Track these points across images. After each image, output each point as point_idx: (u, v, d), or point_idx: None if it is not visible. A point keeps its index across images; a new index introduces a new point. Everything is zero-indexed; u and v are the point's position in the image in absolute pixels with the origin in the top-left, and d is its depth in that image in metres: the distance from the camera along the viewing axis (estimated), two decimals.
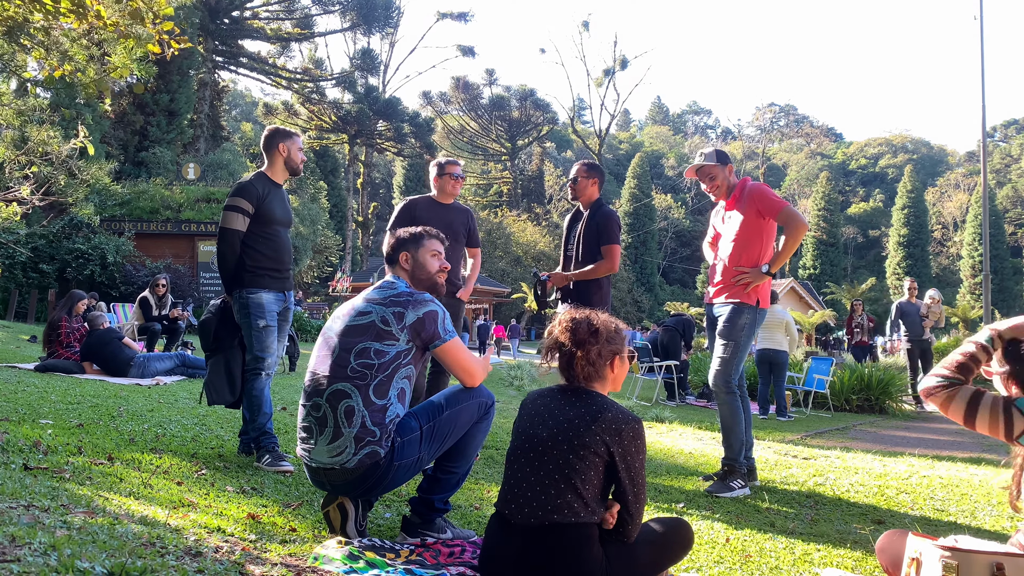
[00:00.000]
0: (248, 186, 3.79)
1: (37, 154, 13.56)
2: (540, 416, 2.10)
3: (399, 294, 2.56)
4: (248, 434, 3.73)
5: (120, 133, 26.31)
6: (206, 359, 3.87)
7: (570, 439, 2.01)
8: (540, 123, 54.32)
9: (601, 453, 2.00)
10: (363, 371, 2.42)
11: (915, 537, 1.95)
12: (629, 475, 2.02)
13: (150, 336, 9.31)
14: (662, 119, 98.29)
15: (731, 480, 3.80)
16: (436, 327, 2.52)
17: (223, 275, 3.79)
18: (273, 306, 3.79)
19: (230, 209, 3.73)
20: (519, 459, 2.09)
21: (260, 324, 3.73)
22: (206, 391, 3.80)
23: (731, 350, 3.87)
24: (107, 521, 2.11)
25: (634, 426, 2.04)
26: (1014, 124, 79.82)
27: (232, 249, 3.73)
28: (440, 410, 2.51)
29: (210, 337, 3.80)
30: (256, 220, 3.77)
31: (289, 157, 3.91)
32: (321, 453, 2.42)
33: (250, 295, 3.74)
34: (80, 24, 4.89)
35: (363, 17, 38.22)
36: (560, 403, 2.10)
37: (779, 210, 3.86)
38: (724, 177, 4.04)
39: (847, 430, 7.57)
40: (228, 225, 3.72)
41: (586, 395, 2.11)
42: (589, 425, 2.01)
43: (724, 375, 3.88)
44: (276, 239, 3.85)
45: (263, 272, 3.78)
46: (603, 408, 2.05)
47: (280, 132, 3.96)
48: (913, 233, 55.74)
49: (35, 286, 17.83)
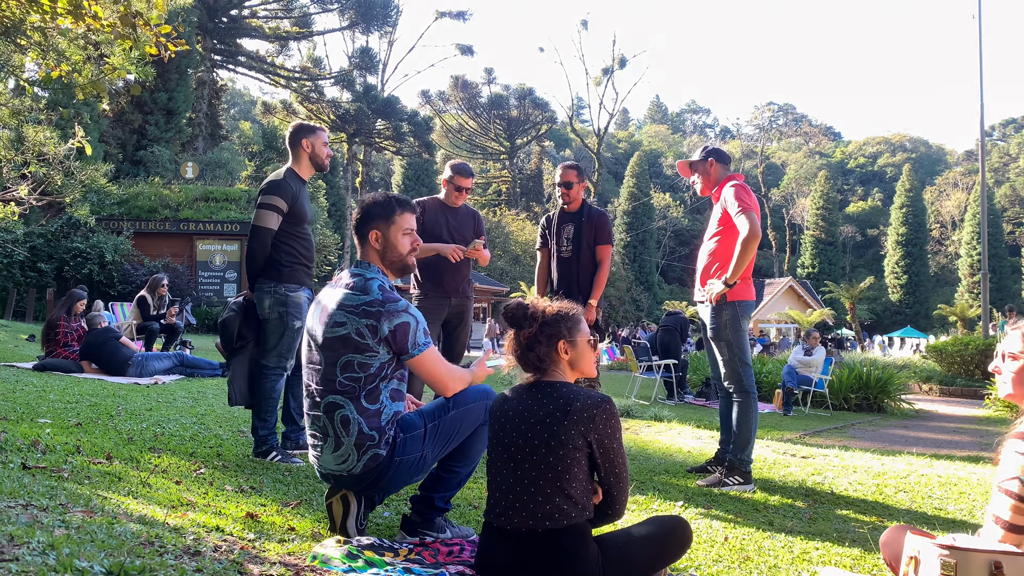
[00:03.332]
0: (283, 184, 3.68)
1: (34, 154, 13.53)
2: (512, 422, 2.06)
3: (371, 302, 2.41)
4: (264, 431, 3.70)
5: (118, 132, 26.29)
6: (227, 359, 3.77)
7: (546, 440, 1.98)
8: (539, 122, 54.27)
9: (580, 446, 1.98)
10: (351, 384, 2.40)
11: (913, 535, 1.95)
12: (608, 457, 2.02)
13: (148, 335, 9.30)
14: (661, 118, 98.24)
15: (730, 476, 3.83)
16: (407, 339, 2.43)
17: (250, 273, 3.70)
18: (306, 306, 3.73)
19: (265, 207, 3.62)
20: (501, 469, 2.06)
21: (296, 325, 3.67)
22: (229, 391, 3.73)
23: (728, 349, 3.87)
24: (106, 520, 2.11)
25: (606, 407, 2.01)
26: (1012, 123, 79.83)
27: (264, 248, 3.63)
28: (445, 410, 2.51)
29: (233, 336, 3.68)
30: (289, 219, 3.68)
31: (314, 152, 3.80)
32: (328, 461, 2.46)
33: (290, 292, 3.66)
34: (77, 24, 4.88)
35: (362, 16, 38.15)
36: (527, 403, 2.06)
37: (734, 212, 3.77)
38: (703, 174, 4.03)
39: (846, 429, 7.58)
40: (263, 224, 3.62)
41: (550, 388, 2.07)
42: (562, 421, 1.98)
43: (734, 375, 3.87)
44: (306, 237, 3.81)
45: (299, 267, 3.71)
46: (570, 399, 2.01)
47: (304, 128, 3.85)
48: (911, 232, 55.74)
49: (33, 285, 17.81)
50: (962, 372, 14.00)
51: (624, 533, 2.11)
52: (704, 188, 4.07)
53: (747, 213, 3.73)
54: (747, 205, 3.76)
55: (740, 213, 3.74)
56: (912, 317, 51.76)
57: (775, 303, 39.93)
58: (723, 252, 3.89)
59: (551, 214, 4.88)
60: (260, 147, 35.50)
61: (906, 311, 53.50)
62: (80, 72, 5.78)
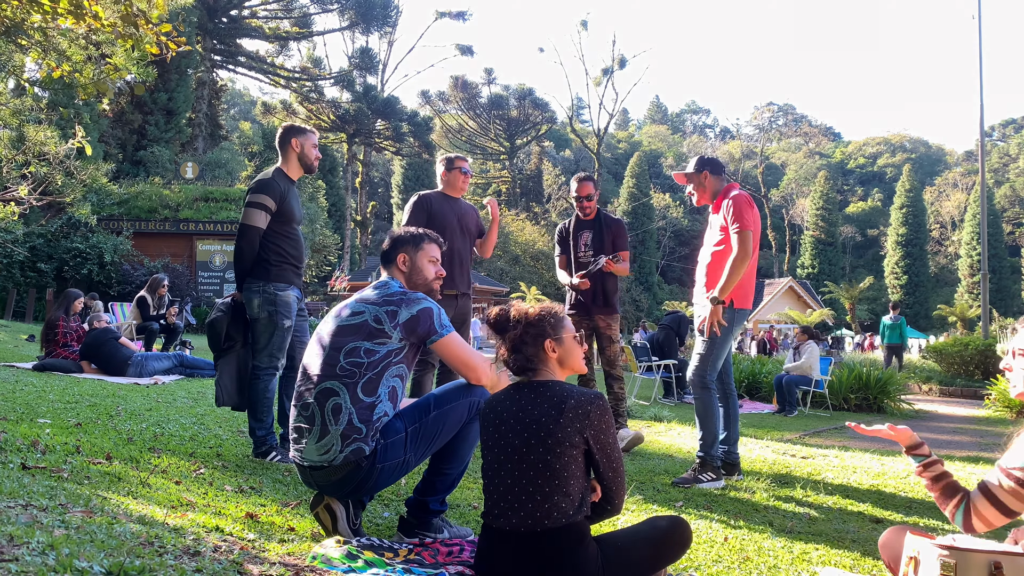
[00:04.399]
0: (271, 183, 3.71)
1: (34, 153, 13.54)
2: (507, 423, 2.07)
3: (393, 293, 2.54)
4: (262, 432, 3.69)
5: (118, 132, 26.30)
6: (215, 359, 3.77)
7: (543, 439, 1.99)
8: (539, 122, 54.27)
9: (576, 443, 1.99)
10: (352, 369, 2.41)
11: (913, 536, 1.95)
12: (605, 452, 2.03)
13: (148, 335, 9.30)
14: (660, 118, 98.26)
15: (701, 473, 3.88)
16: (432, 323, 2.50)
17: (238, 272, 3.72)
18: (295, 305, 3.76)
19: (253, 206, 3.65)
20: (498, 471, 2.06)
21: (285, 324, 3.69)
22: (217, 391, 3.74)
23: (708, 347, 3.92)
24: (105, 520, 2.10)
25: (599, 403, 2.03)
26: (1012, 123, 79.91)
27: (251, 246, 3.65)
28: (427, 411, 2.49)
29: (221, 337, 3.69)
30: (277, 218, 3.71)
31: (303, 153, 3.84)
32: (311, 452, 2.42)
33: (279, 292, 3.68)
34: (78, 25, 4.88)
35: (362, 16, 38.17)
36: (521, 403, 2.07)
37: (735, 227, 3.82)
38: (702, 184, 4.06)
39: (845, 429, 7.58)
40: (251, 222, 3.65)
41: (543, 387, 2.08)
42: (557, 419, 1.99)
43: (700, 371, 3.95)
44: (295, 236, 3.82)
45: (287, 267, 3.73)
46: (564, 397, 2.03)
47: (293, 129, 3.88)
48: (911, 232, 55.78)
49: (33, 285, 17.81)
50: (962, 372, 14.00)
51: (624, 533, 2.11)
52: (700, 199, 4.12)
53: (743, 233, 3.79)
54: (746, 223, 3.81)
55: (737, 232, 3.81)
56: (912, 318, 51.79)
57: (775, 303, 39.94)
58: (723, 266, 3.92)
59: (567, 223, 5.18)
60: (260, 147, 35.55)
61: (906, 311, 53.49)
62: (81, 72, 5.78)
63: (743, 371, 11.10)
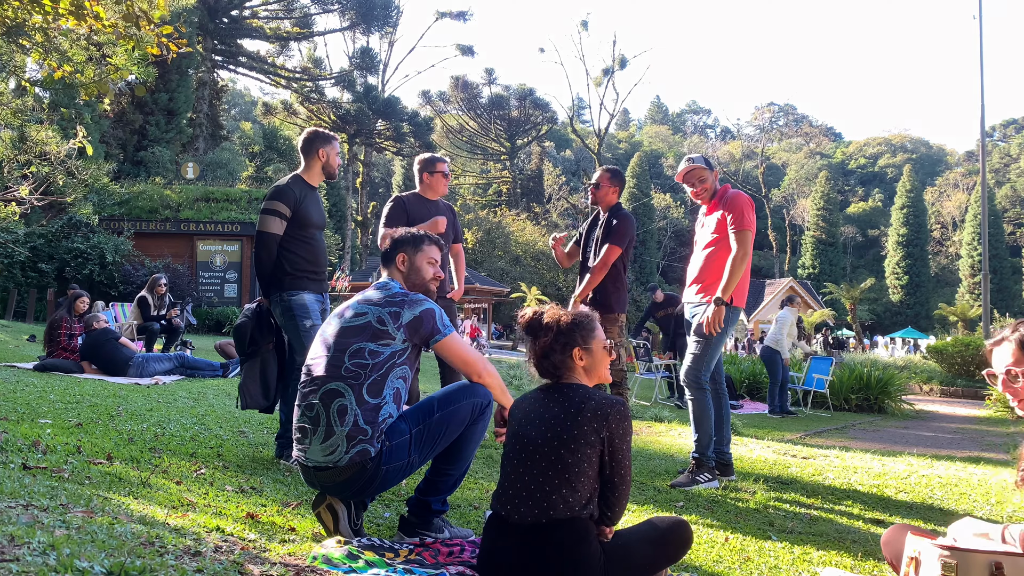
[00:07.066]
0: (286, 189, 3.76)
1: (36, 154, 13.54)
2: (528, 417, 2.13)
3: (395, 294, 2.57)
4: (287, 436, 3.69)
5: (119, 132, 26.31)
6: (240, 363, 3.83)
7: (559, 434, 2.03)
8: (539, 122, 54.25)
9: (592, 443, 2.02)
10: (357, 371, 2.41)
11: (914, 536, 1.95)
12: (616, 458, 2.05)
13: (149, 336, 9.30)
14: (661, 118, 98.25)
15: (698, 474, 3.87)
16: (434, 323, 2.53)
17: (261, 279, 3.78)
18: (315, 306, 3.78)
19: (268, 213, 3.70)
20: (512, 460, 2.11)
21: (307, 324, 3.71)
22: (240, 395, 3.76)
23: (702, 347, 3.92)
24: (106, 520, 2.11)
25: (620, 408, 2.06)
26: (1013, 124, 79.85)
27: (269, 253, 3.71)
28: (431, 412, 2.49)
29: (246, 341, 3.75)
30: (293, 223, 3.75)
31: (328, 162, 3.89)
32: (315, 453, 2.41)
33: (292, 297, 3.72)
34: (79, 25, 4.88)
35: (362, 16, 38.16)
36: (545, 402, 2.13)
37: (736, 227, 3.85)
38: (712, 181, 4.09)
39: (846, 429, 7.58)
40: (266, 229, 3.70)
41: (568, 389, 2.13)
42: (575, 417, 2.04)
43: (694, 371, 3.95)
44: (313, 242, 3.84)
45: (302, 275, 3.76)
46: (586, 398, 2.08)
47: (320, 136, 3.90)
48: (912, 233, 55.72)
49: (34, 285, 17.81)
50: (963, 373, 14.00)
51: (625, 533, 2.12)
52: (702, 195, 4.10)
53: (744, 232, 3.82)
54: (746, 223, 3.85)
55: (738, 231, 3.83)
56: (913, 318, 51.77)
57: (775, 304, 39.92)
58: (725, 255, 3.92)
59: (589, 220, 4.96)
60: (261, 147, 35.53)
61: (907, 312, 53.49)
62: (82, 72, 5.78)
63: (743, 371, 11.10)
